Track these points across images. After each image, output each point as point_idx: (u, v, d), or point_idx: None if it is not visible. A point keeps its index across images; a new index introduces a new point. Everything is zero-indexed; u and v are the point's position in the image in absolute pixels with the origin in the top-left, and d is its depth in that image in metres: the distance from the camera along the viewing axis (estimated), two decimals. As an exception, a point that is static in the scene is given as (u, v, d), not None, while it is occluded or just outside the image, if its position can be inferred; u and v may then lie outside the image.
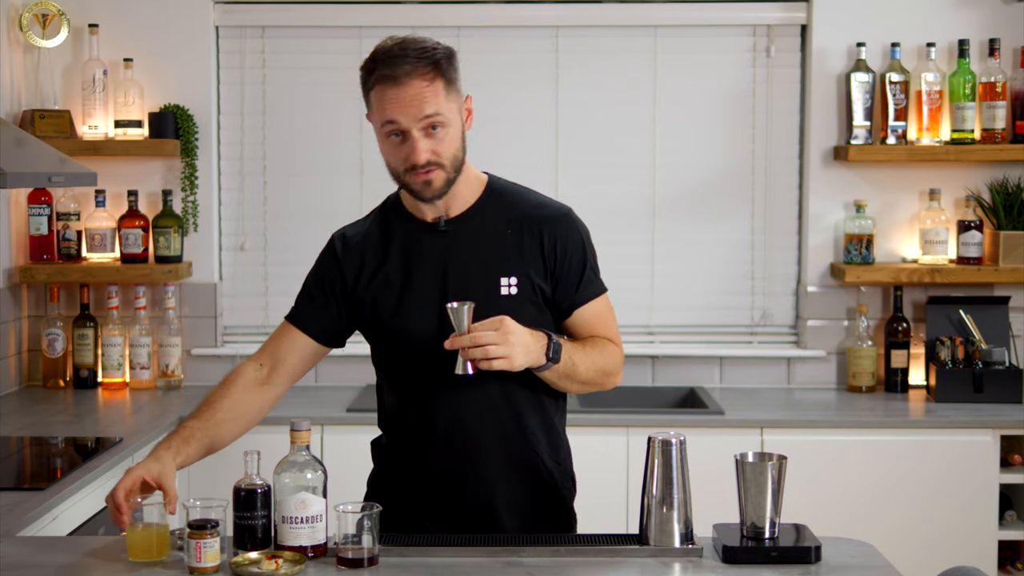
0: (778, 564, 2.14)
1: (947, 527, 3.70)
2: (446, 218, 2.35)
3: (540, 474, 2.38)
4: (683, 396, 4.15)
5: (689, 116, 4.23)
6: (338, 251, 2.41)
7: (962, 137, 4.05)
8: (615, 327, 2.42)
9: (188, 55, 4.18)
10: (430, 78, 2.24)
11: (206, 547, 2.06)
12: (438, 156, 2.25)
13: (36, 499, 2.72)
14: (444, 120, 2.25)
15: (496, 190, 2.40)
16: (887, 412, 3.87)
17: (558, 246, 2.34)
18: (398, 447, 2.42)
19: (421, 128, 2.24)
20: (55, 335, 4.11)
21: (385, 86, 2.24)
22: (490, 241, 2.34)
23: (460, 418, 2.33)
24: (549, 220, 2.36)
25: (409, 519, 2.38)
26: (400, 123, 2.23)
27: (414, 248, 2.36)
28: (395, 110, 2.23)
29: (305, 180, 4.27)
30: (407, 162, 2.26)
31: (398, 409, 2.41)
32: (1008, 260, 4.01)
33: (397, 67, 2.22)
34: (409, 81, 2.22)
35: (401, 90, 2.22)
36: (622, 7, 4.21)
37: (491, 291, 2.30)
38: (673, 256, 4.25)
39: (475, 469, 2.34)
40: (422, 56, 2.23)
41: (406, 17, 4.20)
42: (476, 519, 2.36)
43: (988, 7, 4.12)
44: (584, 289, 2.37)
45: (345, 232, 2.45)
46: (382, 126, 2.27)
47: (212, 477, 3.68)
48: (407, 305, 2.33)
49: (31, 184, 3.20)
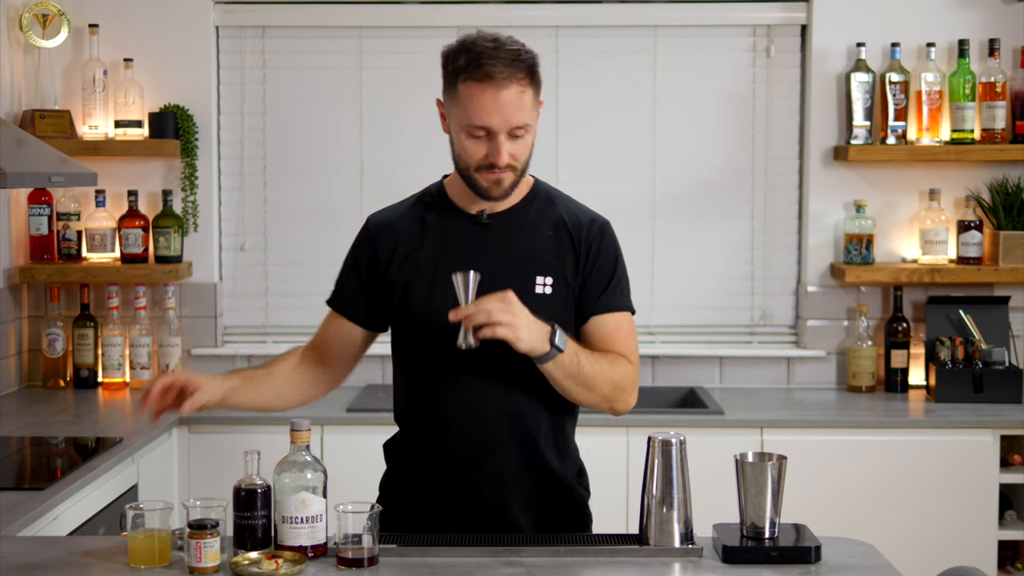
0: (778, 564, 2.14)
1: (947, 527, 3.70)
2: (489, 212, 2.37)
3: (553, 471, 2.38)
4: (683, 396, 4.15)
5: (689, 116, 4.23)
6: (373, 233, 2.43)
7: (962, 137, 4.05)
8: (634, 348, 2.40)
9: (188, 55, 4.18)
10: (525, 84, 2.25)
11: (206, 547, 2.06)
12: (516, 160, 2.28)
13: (36, 499, 2.72)
14: (529, 127, 2.27)
15: (541, 192, 2.42)
16: (887, 412, 3.87)
17: (592, 251, 2.37)
18: (415, 441, 2.41)
19: (507, 132, 2.25)
20: (55, 335, 4.11)
21: (482, 86, 2.22)
22: (530, 239, 2.36)
23: (479, 409, 2.33)
24: (588, 227, 2.39)
25: (425, 520, 2.38)
26: (492, 127, 2.24)
27: (453, 237, 2.37)
28: (489, 114, 2.23)
29: (305, 180, 4.27)
30: (485, 160, 2.27)
31: (415, 400, 2.40)
32: (1008, 260, 4.01)
33: (495, 69, 2.22)
34: (508, 85, 2.22)
35: (499, 94, 2.22)
36: (622, 7, 4.21)
37: (527, 288, 2.31)
38: (673, 256, 4.25)
39: (493, 462, 2.34)
40: (518, 60, 2.24)
41: (406, 17, 4.20)
42: (492, 518, 2.35)
43: (988, 7, 4.12)
44: (607, 298, 2.37)
45: (380, 215, 2.46)
46: (467, 124, 2.26)
47: (212, 477, 3.69)
48: (438, 292, 2.32)
49: (31, 184, 3.20)
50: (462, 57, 2.25)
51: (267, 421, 3.72)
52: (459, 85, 2.25)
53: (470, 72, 2.23)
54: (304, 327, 4.28)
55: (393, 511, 2.38)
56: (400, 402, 2.45)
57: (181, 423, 3.71)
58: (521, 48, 2.26)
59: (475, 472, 2.34)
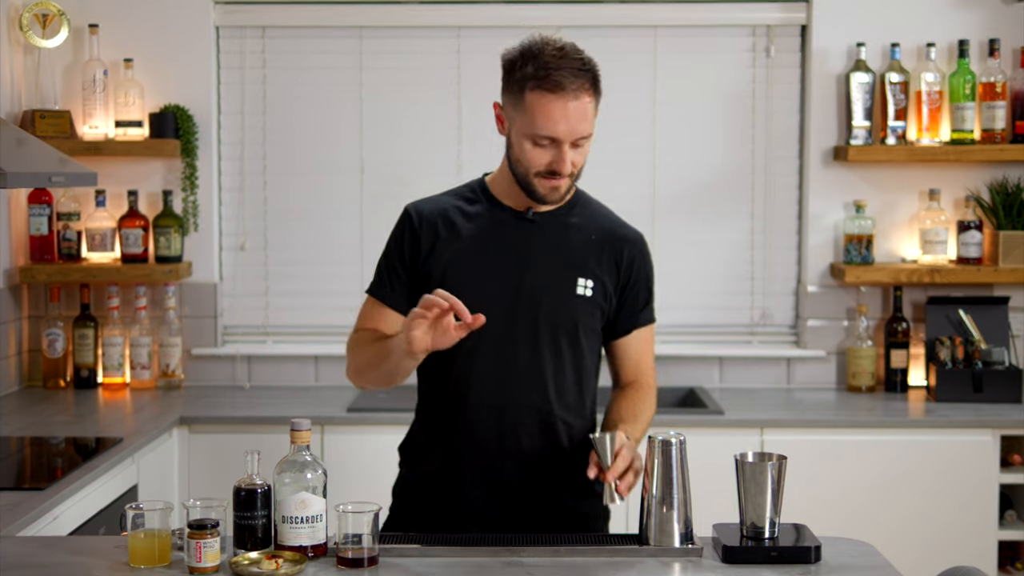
0: (778, 564, 2.14)
1: (947, 527, 3.70)
2: (535, 211, 2.40)
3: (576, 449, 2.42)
4: (683, 396, 4.15)
5: (689, 116, 4.24)
6: (414, 222, 2.43)
7: (962, 137, 4.05)
8: (653, 357, 2.56)
9: (188, 55, 4.18)
10: (591, 94, 2.29)
11: (206, 547, 2.06)
12: (575, 168, 2.32)
13: (36, 499, 2.72)
14: (591, 136, 2.32)
15: (584, 199, 2.48)
16: (887, 412, 3.87)
17: (634, 266, 2.45)
18: (439, 430, 2.43)
19: (572, 142, 2.28)
20: (55, 335, 4.11)
21: (551, 95, 2.25)
22: (575, 241, 2.40)
23: (506, 391, 2.36)
24: (630, 240, 2.47)
25: (448, 514, 2.40)
26: (560, 137, 2.26)
27: (495, 232, 2.40)
28: (557, 124, 2.25)
29: (305, 180, 4.27)
30: (547, 167, 2.29)
31: (441, 389, 2.42)
32: (1008, 260, 4.01)
33: (566, 80, 2.24)
34: (577, 96, 2.25)
35: (567, 105, 2.25)
36: (622, 7, 4.21)
37: (567, 287, 2.37)
38: (673, 256, 4.25)
39: (518, 444, 2.37)
40: (585, 70, 2.27)
41: (406, 17, 4.20)
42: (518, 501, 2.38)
43: (988, 7, 4.12)
44: (645, 313, 2.49)
45: (422, 205, 2.46)
46: (533, 133, 2.27)
47: (212, 477, 3.69)
48: (477, 284, 2.34)
49: (31, 184, 3.20)
50: (529, 65, 2.26)
51: (266, 421, 3.72)
52: (526, 93, 2.26)
53: (539, 81, 2.25)
54: (304, 327, 4.29)
55: (412, 512, 2.41)
56: (425, 392, 2.47)
57: (181, 423, 3.71)
58: (586, 57, 2.30)
59: (501, 455, 2.37)
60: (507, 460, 2.38)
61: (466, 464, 2.39)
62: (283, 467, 2.13)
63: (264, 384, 4.24)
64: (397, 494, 2.52)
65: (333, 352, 4.20)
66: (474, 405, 2.38)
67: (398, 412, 3.55)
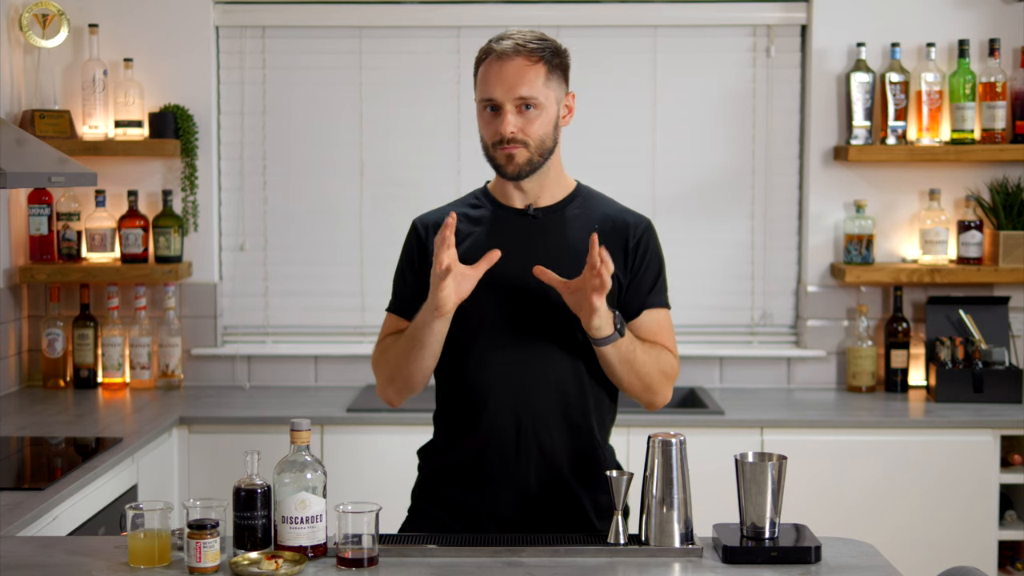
0: (778, 564, 2.14)
1: (947, 527, 3.70)
2: (535, 207, 2.44)
3: (595, 443, 2.44)
4: (683, 396, 4.15)
5: (689, 116, 4.23)
6: (420, 233, 2.48)
7: (962, 137, 4.05)
8: (675, 342, 2.51)
9: (188, 55, 4.18)
10: (533, 60, 2.34)
11: (206, 547, 2.06)
12: (525, 135, 2.34)
13: (36, 499, 2.72)
14: (537, 102, 2.34)
15: (584, 192, 2.51)
16: (887, 412, 3.87)
17: (640, 248, 2.45)
18: (457, 428, 2.44)
19: (514, 105, 2.32)
20: (55, 335, 4.11)
21: (489, 61, 2.35)
22: (579, 233, 2.42)
23: (524, 388, 2.38)
24: (635, 224, 2.47)
25: (469, 514, 2.41)
26: (495, 97, 2.33)
27: (500, 230, 2.43)
28: (493, 84, 2.33)
29: (305, 180, 4.27)
30: (495, 135, 2.34)
31: (459, 392, 2.43)
32: (1008, 260, 4.01)
33: (507, 47, 2.34)
34: (512, 58, 2.33)
35: (503, 66, 2.33)
36: (622, 7, 4.21)
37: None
38: (673, 256, 4.17)
39: (538, 439, 2.38)
40: (530, 41, 2.34)
41: (406, 17, 4.20)
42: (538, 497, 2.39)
43: (988, 7, 4.12)
44: (655, 295, 2.47)
45: (425, 216, 2.52)
46: (480, 100, 2.37)
47: (212, 477, 3.69)
48: (485, 283, 2.34)
49: (31, 184, 3.19)
50: (485, 47, 2.38)
51: (266, 421, 3.72)
52: (479, 71, 2.38)
53: (486, 53, 2.37)
54: (304, 327, 4.29)
55: (431, 513, 2.43)
56: (441, 394, 2.49)
57: (181, 423, 3.71)
58: (539, 35, 2.37)
59: (518, 452, 2.38)
60: (525, 455, 2.39)
61: (485, 462, 2.40)
62: (283, 467, 2.13)
63: (264, 384, 4.24)
64: (416, 495, 2.53)
65: (333, 352, 4.19)
66: (490, 403, 2.39)
67: (398, 412, 3.55)
